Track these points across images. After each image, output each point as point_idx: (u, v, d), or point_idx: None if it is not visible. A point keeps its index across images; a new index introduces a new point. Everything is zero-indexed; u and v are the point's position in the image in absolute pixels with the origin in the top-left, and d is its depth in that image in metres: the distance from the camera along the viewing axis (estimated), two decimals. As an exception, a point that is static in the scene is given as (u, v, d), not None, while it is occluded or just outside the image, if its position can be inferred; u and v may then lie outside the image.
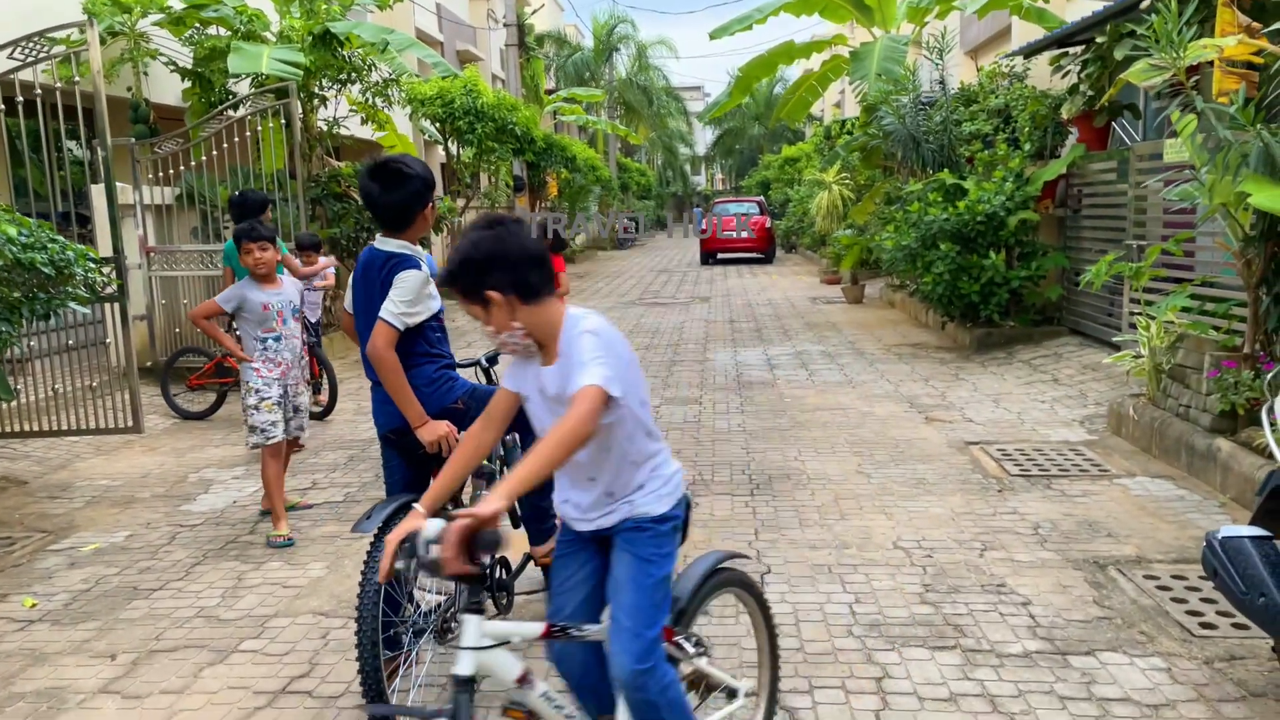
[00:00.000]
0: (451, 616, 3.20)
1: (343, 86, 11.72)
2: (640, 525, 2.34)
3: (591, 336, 2.20)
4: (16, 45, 6.51)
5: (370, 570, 2.96)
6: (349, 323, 3.53)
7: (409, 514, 2.22)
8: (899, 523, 4.87)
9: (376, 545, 2.98)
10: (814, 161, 23.02)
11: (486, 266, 2.17)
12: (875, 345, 10.56)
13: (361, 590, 2.99)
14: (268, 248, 4.91)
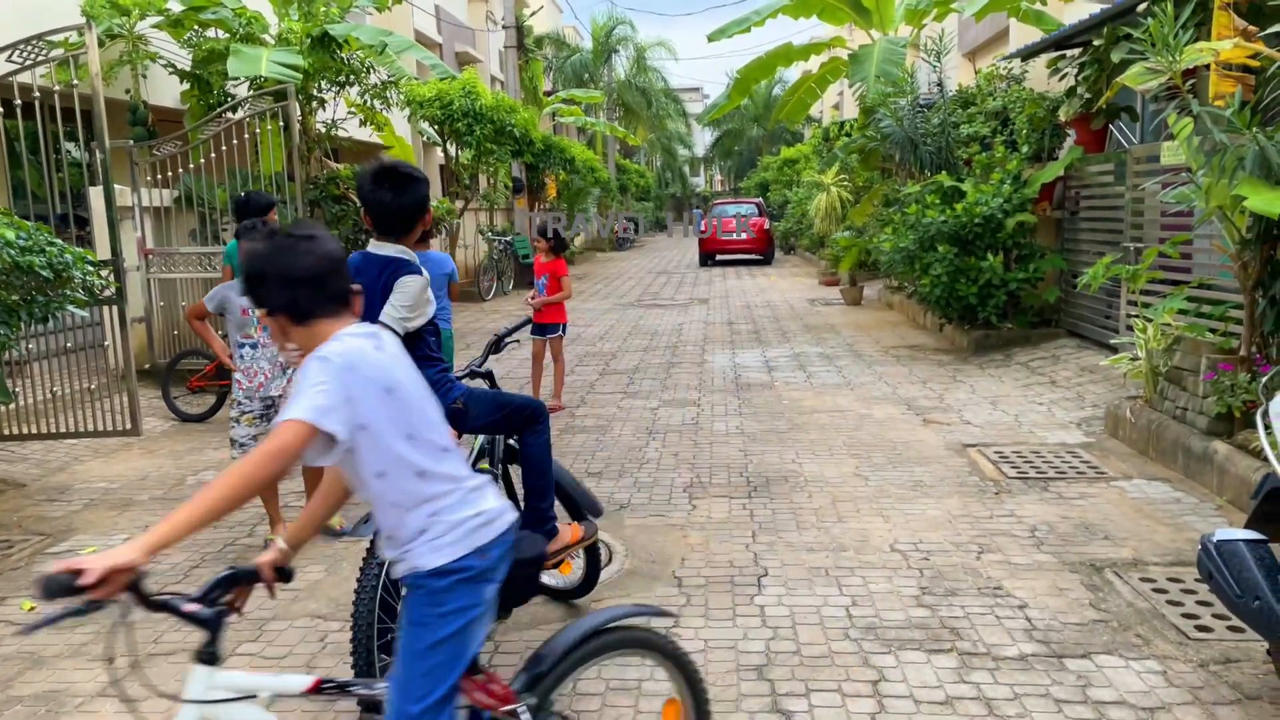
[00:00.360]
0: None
1: (341, 89, 11.73)
2: (415, 582, 2.09)
3: (319, 363, 1.96)
4: (15, 48, 6.51)
5: (367, 572, 2.96)
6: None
7: (269, 547, 2.11)
8: (896, 525, 4.88)
9: (374, 549, 2.98)
10: (812, 163, 23.04)
11: (258, 282, 2.07)
12: (873, 347, 10.57)
13: (358, 592, 2.99)
14: None
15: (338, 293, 2.12)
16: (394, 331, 3.16)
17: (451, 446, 2.16)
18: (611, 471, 6.07)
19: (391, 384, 2.04)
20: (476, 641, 2.13)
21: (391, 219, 3.23)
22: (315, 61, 10.81)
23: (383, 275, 3.22)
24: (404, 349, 2.20)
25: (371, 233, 3.33)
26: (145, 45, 10.70)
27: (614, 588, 4.22)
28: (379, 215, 3.23)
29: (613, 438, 6.95)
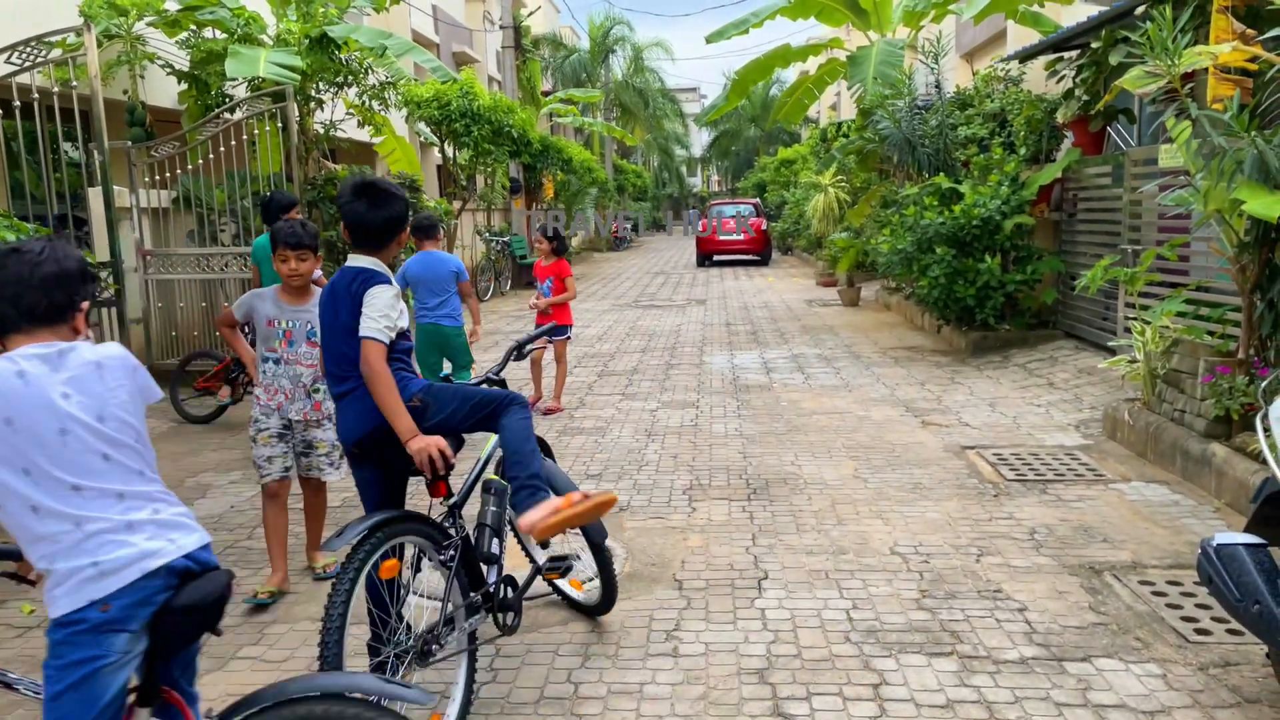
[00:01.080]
0: (434, 639, 3.13)
1: (339, 90, 11.72)
2: (48, 631, 2.03)
3: None
4: (14, 49, 6.51)
5: (339, 588, 2.88)
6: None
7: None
8: (896, 528, 4.89)
9: (349, 563, 2.91)
10: (810, 164, 23.06)
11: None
12: (871, 348, 10.59)
13: (328, 607, 2.90)
14: (307, 257, 4.29)
15: (36, 309, 2.12)
16: (380, 341, 3.11)
17: (94, 489, 2.06)
18: (611, 473, 6.07)
19: (11, 415, 1.99)
20: (110, 690, 2.02)
21: (367, 232, 3.22)
22: (314, 62, 10.79)
23: (352, 285, 3.18)
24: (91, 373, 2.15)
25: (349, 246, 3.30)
26: (143, 45, 10.69)
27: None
28: (355, 228, 3.22)
29: (612, 439, 6.96)
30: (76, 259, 2.24)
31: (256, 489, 5.93)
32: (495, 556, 3.40)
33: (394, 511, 3.13)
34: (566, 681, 3.45)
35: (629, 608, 4.05)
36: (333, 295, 3.25)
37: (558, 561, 3.67)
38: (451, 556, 3.21)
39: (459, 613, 3.23)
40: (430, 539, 3.20)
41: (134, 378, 2.26)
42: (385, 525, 3.02)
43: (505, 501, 3.51)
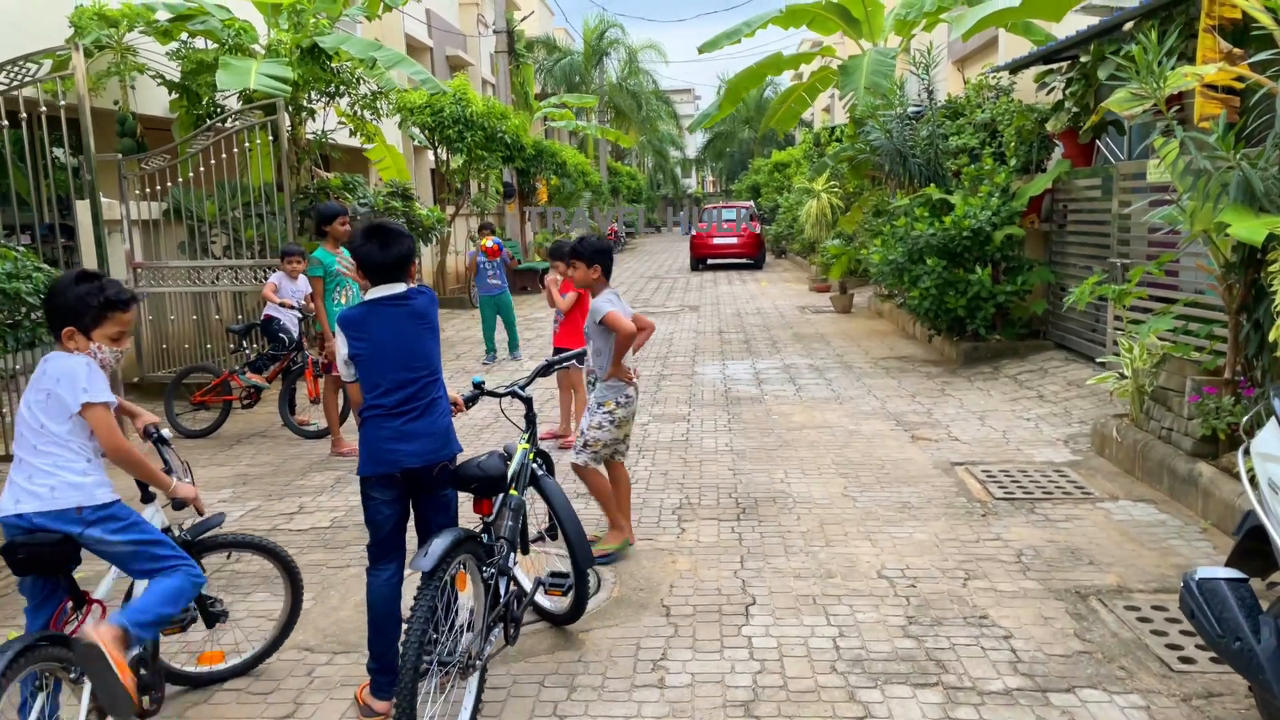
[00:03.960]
0: (478, 655, 3.25)
1: (331, 99, 11.71)
2: None
3: None
4: (3, 69, 6.50)
5: (422, 601, 2.98)
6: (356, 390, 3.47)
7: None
8: (883, 550, 4.90)
9: (433, 577, 3.01)
10: (803, 168, 23.07)
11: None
12: (863, 358, 10.60)
13: (412, 619, 2.98)
14: (577, 266, 4.95)
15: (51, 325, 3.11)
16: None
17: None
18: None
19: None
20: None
21: (389, 267, 3.42)
22: (305, 73, 10.79)
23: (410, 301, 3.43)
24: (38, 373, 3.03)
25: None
26: (133, 56, 10.66)
27: (602, 617, 4.23)
28: (371, 268, 3.42)
29: (602, 455, 6.94)
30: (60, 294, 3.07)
31: (245, 508, 5.93)
32: (511, 570, 3.56)
33: (464, 530, 3.29)
34: (552, 715, 3.45)
35: (616, 635, 4.06)
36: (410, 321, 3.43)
37: (560, 578, 3.82)
38: (493, 574, 3.38)
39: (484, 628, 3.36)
40: (478, 556, 3.36)
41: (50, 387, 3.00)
42: (463, 542, 3.18)
43: (520, 516, 3.72)
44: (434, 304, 3.54)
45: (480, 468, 3.43)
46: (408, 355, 3.40)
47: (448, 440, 3.45)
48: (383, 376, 3.38)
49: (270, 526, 5.65)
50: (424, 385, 3.42)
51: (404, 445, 3.34)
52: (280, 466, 6.98)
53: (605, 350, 4.84)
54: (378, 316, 3.40)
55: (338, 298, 7.07)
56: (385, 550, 3.43)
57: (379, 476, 3.38)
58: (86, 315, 3.03)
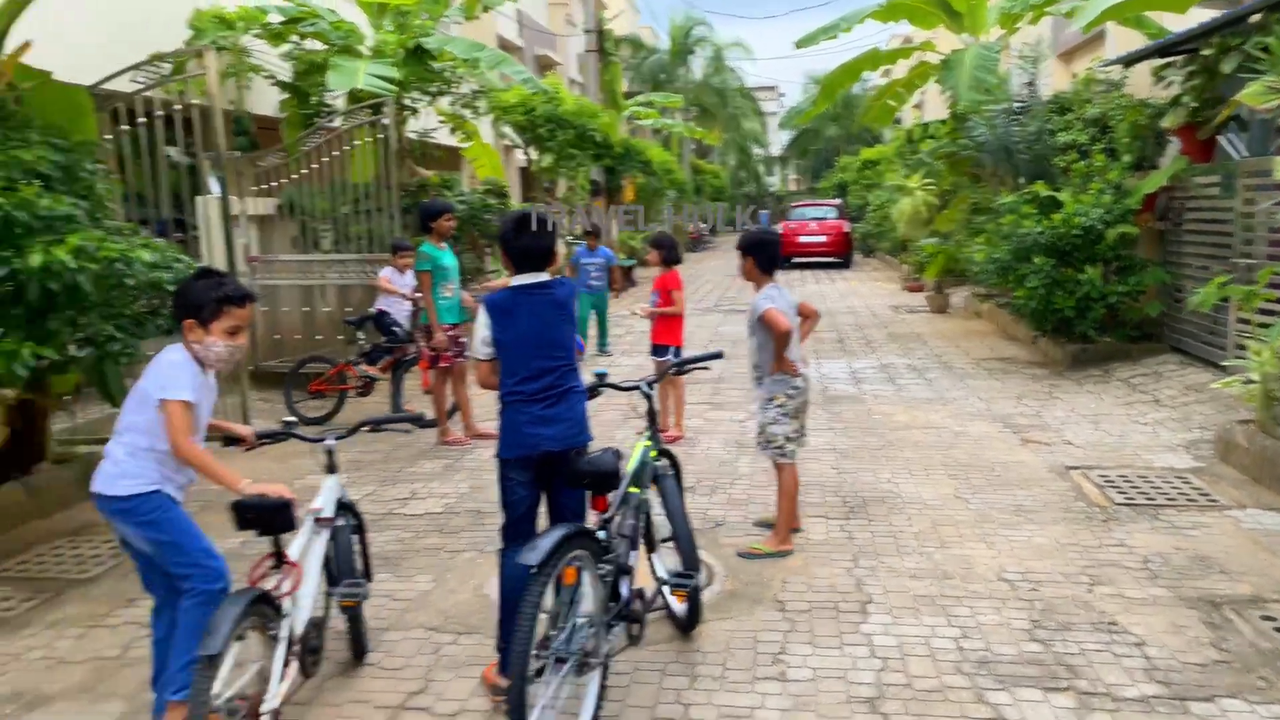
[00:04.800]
0: (594, 652, 3.27)
1: (433, 99, 11.98)
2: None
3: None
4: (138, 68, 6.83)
5: (530, 595, 3.01)
6: (486, 370, 3.58)
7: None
8: (1001, 553, 4.81)
9: (541, 572, 3.04)
10: (894, 165, 22.70)
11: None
12: (964, 359, 10.40)
13: (522, 612, 3.02)
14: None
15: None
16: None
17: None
18: (704, 487, 6.10)
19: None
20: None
21: (530, 258, 3.50)
22: (409, 73, 11.06)
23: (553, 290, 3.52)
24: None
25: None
26: (249, 57, 11.08)
27: (716, 609, 4.25)
28: (519, 255, 3.51)
29: (701, 451, 6.98)
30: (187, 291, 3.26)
31: (362, 492, 6.12)
32: (631, 568, 3.58)
33: (576, 525, 3.31)
34: (676, 702, 3.50)
35: (731, 628, 4.08)
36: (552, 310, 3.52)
37: (683, 578, 3.77)
38: (610, 570, 3.39)
39: (602, 625, 3.36)
40: (593, 553, 3.35)
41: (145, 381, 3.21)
42: (571, 538, 3.18)
43: (642, 515, 3.73)
44: (574, 295, 3.62)
45: (591, 464, 3.44)
46: (548, 344, 3.49)
47: (583, 427, 3.53)
48: (524, 364, 3.47)
49: (386, 510, 5.82)
50: (562, 373, 3.50)
51: (543, 430, 3.43)
52: (390, 454, 7.18)
53: (767, 345, 4.88)
54: (522, 304, 3.48)
55: (443, 291, 7.25)
56: (519, 532, 3.52)
57: (517, 459, 3.48)
58: (205, 308, 3.17)
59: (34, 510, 5.65)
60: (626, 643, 3.55)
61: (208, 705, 2.77)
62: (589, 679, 3.29)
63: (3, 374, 4.17)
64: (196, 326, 3.19)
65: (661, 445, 4.08)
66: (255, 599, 3.02)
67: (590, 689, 3.29)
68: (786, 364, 4.92)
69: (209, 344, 3.20)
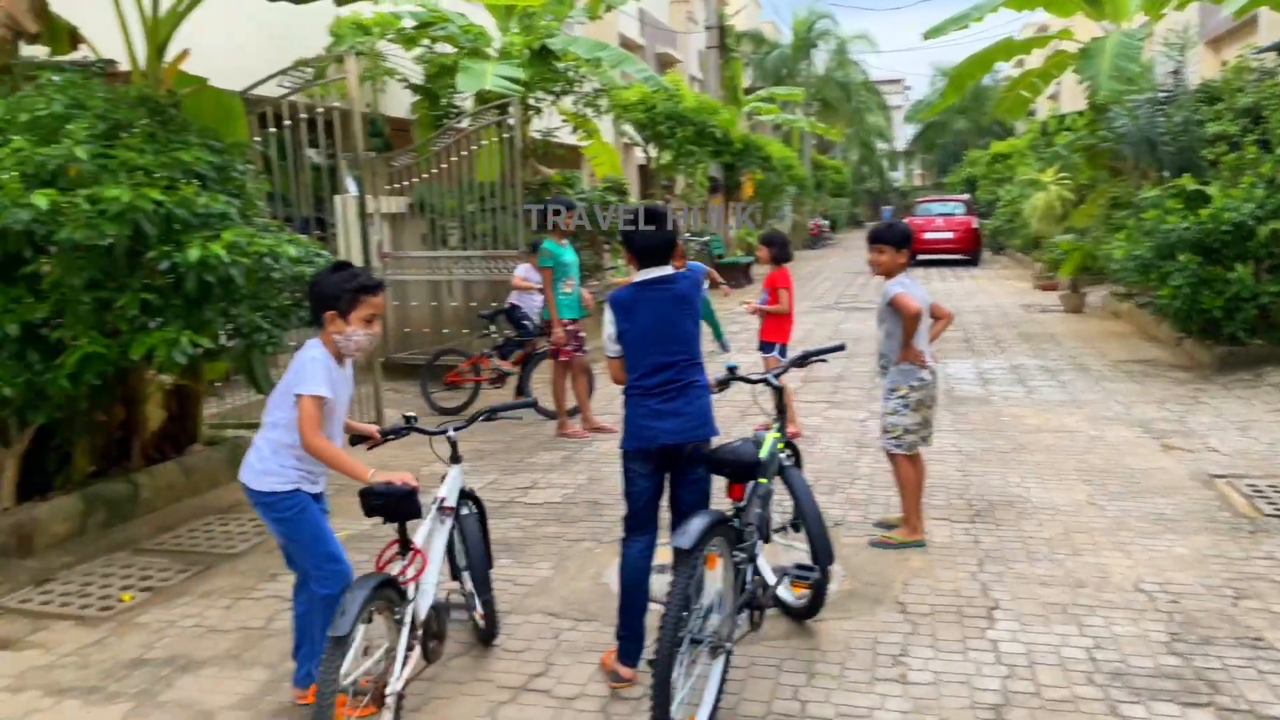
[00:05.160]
0: (726, 636, 3.30)
1: (557, 98, 12.21)
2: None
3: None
4: (285, 73, 7.22)
5: (680, 578, 3.05)
6: (616, 366, 3.66)
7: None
8: (1139, 562, 4.59)
9: (691, 556, 3.07)
10: (1027, 159, 21.84)
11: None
12: (1100, 361, 9.94)
13: (671, 595, 3.06)
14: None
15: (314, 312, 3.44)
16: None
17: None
18: (823, 486, 6.02)
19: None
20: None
21: (651, 252, 3.56)
22: (534, 73, 11.31)
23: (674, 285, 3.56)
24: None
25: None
26: (384, 61, 11.55)
27: (835, 608, 4.21)
28: (640, 250, 3.57)
29: (820, 449, 6.90)
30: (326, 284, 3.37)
31: (484, 480, 6.32)
32: (757, 557, 3.60)
33: (719, 512, 3.36)
34: (794, 699, 3.48)
35: (851, 627, 4.03)
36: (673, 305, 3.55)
37: (806, 570, 3.77)
38: (744, 558, 3.43)
39: (732, 612, 3.40)
40: (730, 540, 3.39)
41: (287, 376, 3.35)
42: (718, 524, 3.24)
43: (768, 504, 3.75)
44: (697, 287, 3.65)
45: (734, 453, 3.50)
46: (668, 339, 3.53)
47: (703, 421, 3.54)
48: (644, 358, 3.52)
49: (508, 499, 5.99)
50: (683, 368, 3.53)
51: (661, 423, 3.47)
52: (511, 445, 7.37)
53: (896, 334, 4.83)
54: (644, 299, 3.54)
55: (564, 287, 7.40)
56: (639, 523, 3.58)
57: (637, 451, 3.53)
58: (343, 299, 3.28)
59: (188, 489, 6.05)
60: (749, 629, 3.56)
61: (336, 685, 2.87)
62: (714, 665, 3.33)
63: (164, 359, 4.48)
64: (337, 318, 3.31)
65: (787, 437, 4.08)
66: (381, 583, 3.11)
67: (714, 675, 3.32)
68: (913, 353, 4.84)
69: (349, 333, 3.32)
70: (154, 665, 3.89)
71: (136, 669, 3.87)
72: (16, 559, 4.96)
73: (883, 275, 4.99)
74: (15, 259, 4.48)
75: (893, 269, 4.94)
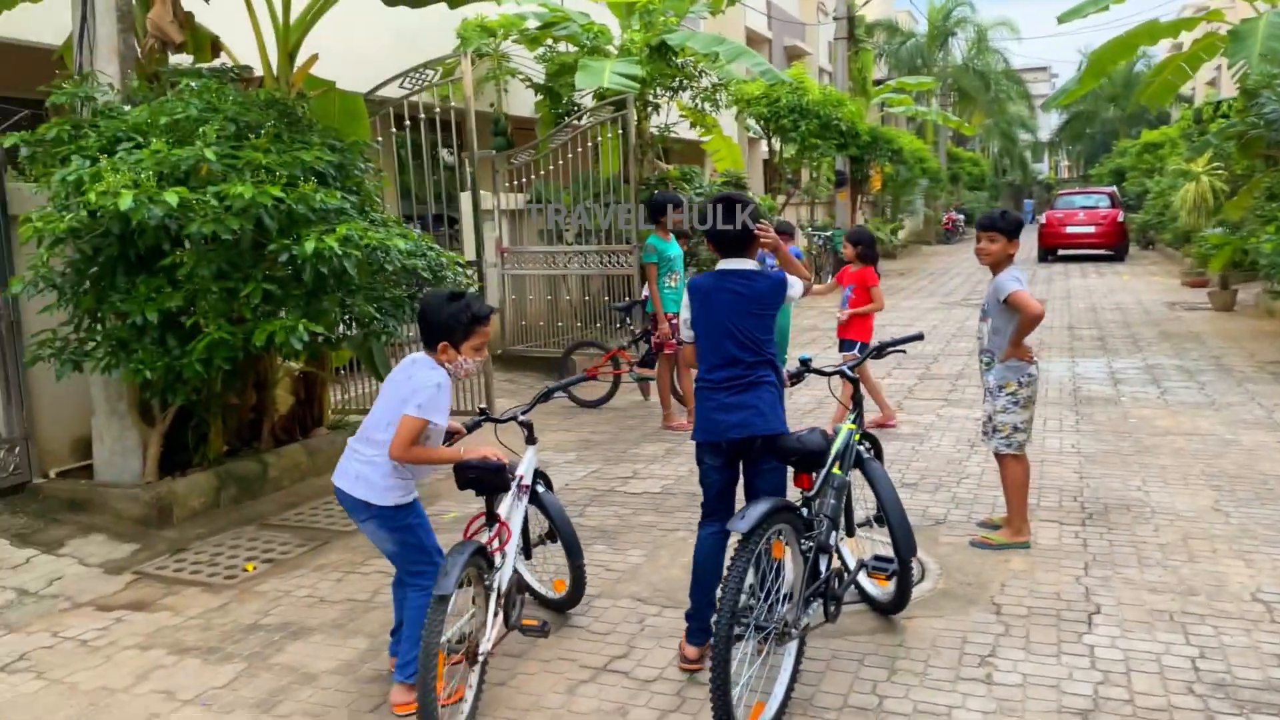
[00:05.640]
0: (793, 623, 3.30)
1: (674, 94, 12.29)
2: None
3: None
4: (406, 75, 7.55)
5: (738, 564, 3.07)
6: (690, 351, 3.72)
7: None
8: (1261, 572, 4.31)
9: (748, 542, 3.09)
10: (1179, 148, 20.56)
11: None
12: (1246, 362, 9.29)
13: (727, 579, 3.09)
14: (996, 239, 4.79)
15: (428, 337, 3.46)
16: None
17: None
18: (928, 484, 5.89)
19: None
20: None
21: (723, 243, 3.57)
22: (652, 70, 11.41)
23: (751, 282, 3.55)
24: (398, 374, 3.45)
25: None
26: (507, 62, 11.90)
27: (926, 606, 4.13)
28: (714, 240, 3.58)
29: (930, 447, 6.74)
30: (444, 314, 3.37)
31: (588, 469, 6.46)
32: (832, 548, 3.58)
33: (782, 500, 3.35)
34: (871, 694, 3.44)
35: (940, 626, 3.94)
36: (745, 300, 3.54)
37: (884, 562, 3.73)
38: (811, 547, 3.41)
39: (801, 600, 3.38)
40: (796, 528, 3.39)
41: (399, 389, 3.38)
42: (777, 511, 3.23)
43: (844, 495, 3.72)
44: (777, 289, 3.57)
45: (800, 441, 3.45)
46: (736, 333, 3.51)
47: (769, 417, 3.49)
48: (712, 352, 3.55)
49: (609, 488, 6.11)
50: (750, 365, 3.50)
51: (726, 417, 3.49)
52: (617, 435, 7.49)
53: (1004, 329, 4.70)
54: (718, 290, 3.55)
55: (668, 281, 7.46)
56: (712, 510, 3.64)
57: (707, 443, 3.57)
58: (457, 331, 3.35)
59: (311, 469, 6.42)
60: (823, 619, 3.53)
61: (439, 640, 3.07)
62: (785, 652, 3.32)
63: (283, 344, 4.79)
64: (450, 348, 3.35)
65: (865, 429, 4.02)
66: (476, 550, 3.29)
67: (786, 662, 3.32)
68: (1023, 350, 4.68)
69: (460, 363, 3.40)
70: (268, 630, 4.18)
71: (252, 633, 4.16)
72: (156, 529, 5.39)
73: (989, 265, 4.83)
74: (155, 252, 4.87)
75: (1002, 260, 4.78)
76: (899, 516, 3.75)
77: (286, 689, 3.66)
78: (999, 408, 4.77)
